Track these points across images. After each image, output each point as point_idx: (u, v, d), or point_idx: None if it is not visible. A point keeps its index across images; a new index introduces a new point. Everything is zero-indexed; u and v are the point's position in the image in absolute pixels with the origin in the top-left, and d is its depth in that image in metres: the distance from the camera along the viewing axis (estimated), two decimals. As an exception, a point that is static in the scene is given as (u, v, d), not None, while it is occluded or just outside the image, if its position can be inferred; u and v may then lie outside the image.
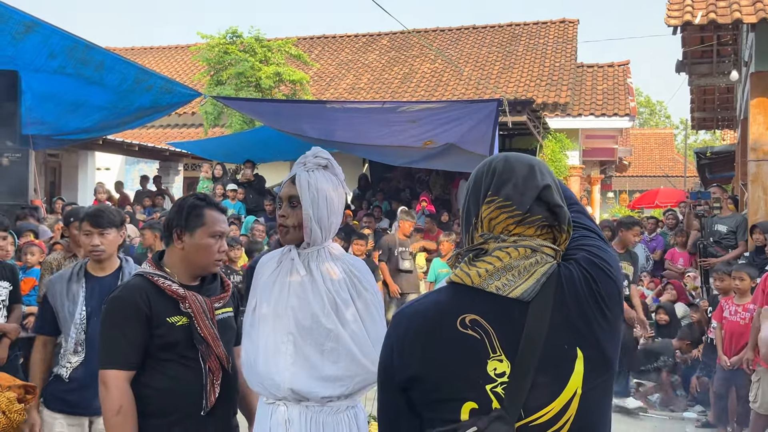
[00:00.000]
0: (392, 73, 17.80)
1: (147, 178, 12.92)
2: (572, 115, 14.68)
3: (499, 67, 17.08)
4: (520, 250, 1.27)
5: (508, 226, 1.30)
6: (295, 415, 2.23)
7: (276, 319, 2.27)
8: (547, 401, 1.22)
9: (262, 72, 12.74)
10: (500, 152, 1.90)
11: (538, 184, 1.30)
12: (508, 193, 1.30)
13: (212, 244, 2.30)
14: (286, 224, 2.29)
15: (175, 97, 7.08)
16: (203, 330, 2.25)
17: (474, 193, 1.36)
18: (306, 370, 2.23)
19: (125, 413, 2.11)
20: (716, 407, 5.46)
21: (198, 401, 2.22)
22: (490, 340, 1.24)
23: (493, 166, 1.35)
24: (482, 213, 1.32)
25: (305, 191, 2.27)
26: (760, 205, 7.00)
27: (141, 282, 2.26)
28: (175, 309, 2.23)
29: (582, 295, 1.27)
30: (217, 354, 2.27)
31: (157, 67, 20.75)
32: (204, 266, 2.33)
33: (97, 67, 6.00)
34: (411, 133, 8.16)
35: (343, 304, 2.29)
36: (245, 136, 11.65)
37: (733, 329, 5.30)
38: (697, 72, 10.05)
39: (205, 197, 2.37)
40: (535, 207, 1.30)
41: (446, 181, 13.74)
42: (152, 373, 2.20)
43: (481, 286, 1.26)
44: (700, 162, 15.03)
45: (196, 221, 2.29)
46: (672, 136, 39.03)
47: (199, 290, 2.34)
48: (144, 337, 2.18)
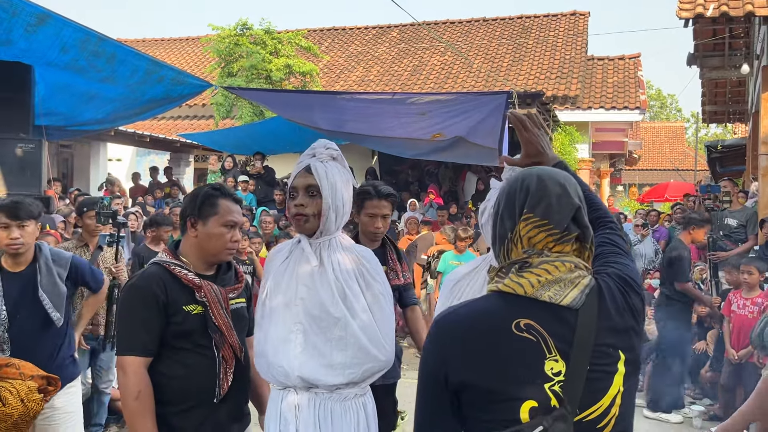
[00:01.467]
0: (402, 66, 17.78)
1: (156, 170, 12.98)
2: (582, 108, 14.63)
3: (509, 59, 17.02)
4: (567, 265, 1.37)
5: (548, 243, 1.39)
6: (305, 401, 2.29)
7: (286, 309, 2.32)
8: (598, 398, 1.33)
9: (273, 64, 12.77)
10: (516, 154, 1.93)
11: (573, 205, 1.40)
12: (543, 212, 1.39)
13: (225, 233, 2.32)
14: (306, 213, 2.32)
15: (186, 88, 7.12)
16: (218, 319, 2.28)
17: (508, 209, 1.44)
18: (314, 358, 2.28)
19: (143, 399, 2.15)
20: (723, 400, 5.47)
21: (211, 389, 2.26)
22: (545, 342, 1.32)
23: (526, 184, 1.42)
24: (520, 230, 1.40)
25: (324, 180, 2.32)
26: (771, 199, 6.98)
27: (158, 270, 2.29)
28: (190, 298, 2.27)
29: (619, 305, 1.40)
30: (230, 343, 2.31)
31: (167, 59, 20.82)
32: (216, 255, 2.35)
33: (109, 59, 6.04)
34: (420, 125, 8.17)
35: (352, 294, 2.34)
36: (255, 128, 11.69)
37: (741, 323, 5.31)
38: (709, 65, 10.00)
39: (221, 187, 2.40)
40: (571, 225, 1.40)
41: (455, 174, 13.77)
42: (167, 361, 2.23)
43: (534, 295, 1.35)
44: (711, 155, 14.96)
45: (210, 210, 2.32)
46: (683, 130, 38.76)
47: (215, 280, 2.37)
48: (161, 325, 2.21)
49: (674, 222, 10.09)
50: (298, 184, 2.35)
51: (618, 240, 1.58)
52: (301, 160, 2.40)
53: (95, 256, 4.66)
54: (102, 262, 4.70)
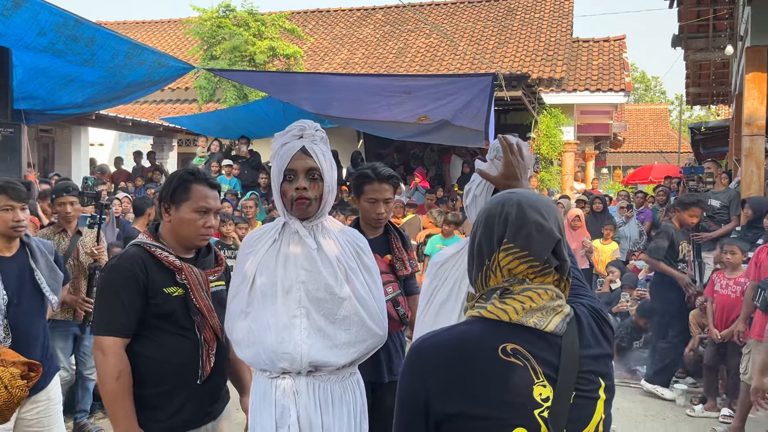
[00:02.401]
0: (387, 48, 17.66)
1: (140, 154, 12.83)
2: (567, 91, 14.63)
3: (495, 41, 16.96)
4: (549, 293, 1.36)
5: (528, 275, 1.37)
6: (303, 386, 2.25)
7: (286, 294, 2.26)
8: (583, 425, 1.34)
9: (256, 47, 12.62)
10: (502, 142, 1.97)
11: (554, 237, 1.37)
12: (524, 242, 1.36)
13: (196, 219, 2.30)
14: (309, 197, 2.27)
15: (169, 71, 7.00)
16: (199, 301, 2.28)
17: (486, 235, 1.40)
18: (321, 340, 2.25)
19: (124, 379, 2.15)
20: (707, 379, 5.53)
21: (193, 371, 2.27)
22: (533, 367, 1.30)
23: (505, 211, 1.38)
24: (500, 260, 1.37)
25: (325, 163, 2.29)
26: (753, 180, 7.03)
27: (138, 251, 2.28)
28: (171, 280, 2.26)
29: (596, 333, 1.42)
30: (212, 325, 2.31)
31: (149, 41, 20.51)
32: (190, 240, 2.34)
33: (88, 43, 5.92)
34: (406, 107, 8.11)
35: (352, 273, 2.33)
36: (239, 112, 11.56)
37: (724, 302, 5.36)
38: (693, 47, 10.02)
39: (196, 172, 2.37)
40: (551, 258, 1.38)
41: (440, 157, 13.75)
42: (149, 343, 2.23)
43: (520, 321, 1.33)
44: (695, 137, 15.06)
45: (183, 195, 2.31)
46: (667, 112, 38.98)
47: (194, 262, 2.37)
48: (140, 305, 2.21)
49: (657, 203, 10.17)
50: (297, 167, 2.27)
51: (579, 275, 1.60)
52: (286, 140, 2.32)
53: (74, 242, 4.58)
54: (81, 246, 4.62)
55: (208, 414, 2.36)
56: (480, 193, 2.22)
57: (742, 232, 6.65)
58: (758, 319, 4.79)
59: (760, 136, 6.99)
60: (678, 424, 5.25)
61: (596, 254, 8.44)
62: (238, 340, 2.34)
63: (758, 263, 4.90)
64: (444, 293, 2.31)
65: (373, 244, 2.64)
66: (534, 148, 13.41)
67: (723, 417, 5.22)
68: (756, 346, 4.77)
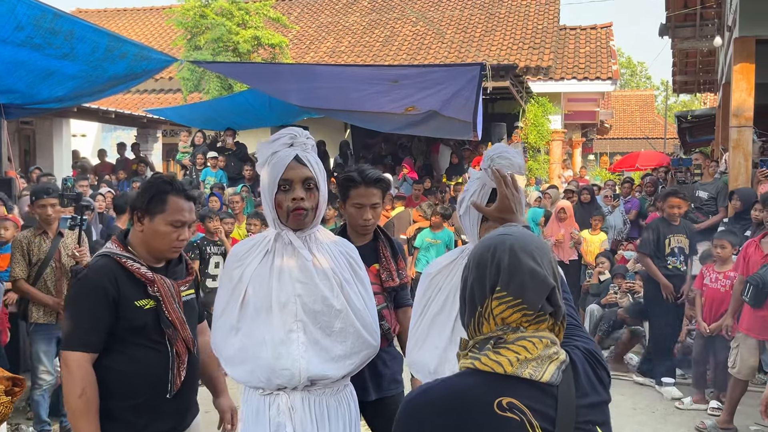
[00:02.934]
0: (373, 36, 17.51)
1: (124, 146, 12.66)
2: (555, 79, 14.59)
3: (482, 29, 16.86)
4: (544, 341, 1.32)
5: (522, 323, 1.32)
6: (298, 401, 2.21)
7: (282, 308, 2.20)
8: None
9: (240, 36, 12.44)
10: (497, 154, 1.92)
11: (548, 285, 1.33)
12: (516, 290, 1.31)
13: (170, 232, 2.23)
14: (306, 207, 2.22)
15: (151, 64, 6.86)
16: (171, 314, 2.23)
17: (479, 281, 1.35)
18: (318, 354, 2.21)
19: (88, 396, 2.08)
20: (695, 372, 5.56)
21: (163, 385, 2.22)
22: (529, 421, 1.27)
23: (498, 258, 1.33)
24: (493, 309, 1.33)
25: (319, 173, 2.24)
26: (741, 171, 7.04)
27: (109, 263, 2.20)
28: (142, 292, 2.20)
29: (591, 379, 1.39)
30: (183, 337, 2.26)
31: (131, 30, 20.20)
32: (161, 252, 2.27)
33: (67, 37, 5.77)
34: (393, 96, 8.01)
35: (347, 284, 2.29)
36: (224, 103, 11.41)
37: (713, 296, 5.37)
38: (680, 35, 10.00)
39: (173, 182, 2.28)
40: (545, 305, 1.33)
41: (428, 147, 13.68)
42: (119, 356, 2.17)
43: (515, 373, 1.29)
44: (681, 126, 15.10)
45: (158, 207, 2.23)
46: (653, 98, 39.12)
47: (165, 272, 2.30)
48: (110, 319, 2.14)
49: (645, 193, 10.19)
50: (293, 177, 2.20)
51: (573, 312, 1.56)
52: (276, 148, 2.24)
53: (55, 244, 4.49)
54: (63, 248, 4.54)
55: (175, 428, 2.32)
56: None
57: (729, 223, 6.65)
58: (746, 313, 4.80)
59: (747, 128, 6.99)
60: (667, 416, 5.27)
61: (585, 245, 8.44)
62: (230, 357, 2.28)
63: (746, 257, 4.90)
64: (437, 305, 2.26)
65: (360, 252, 2.58)
66: (522, 137, 13.39)
67: (711, 409, 5.25)
68: (744, 341, 4.80)
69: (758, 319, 4.66)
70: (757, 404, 5.34)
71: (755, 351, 4.79)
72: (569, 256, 8.37)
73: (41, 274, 4.42)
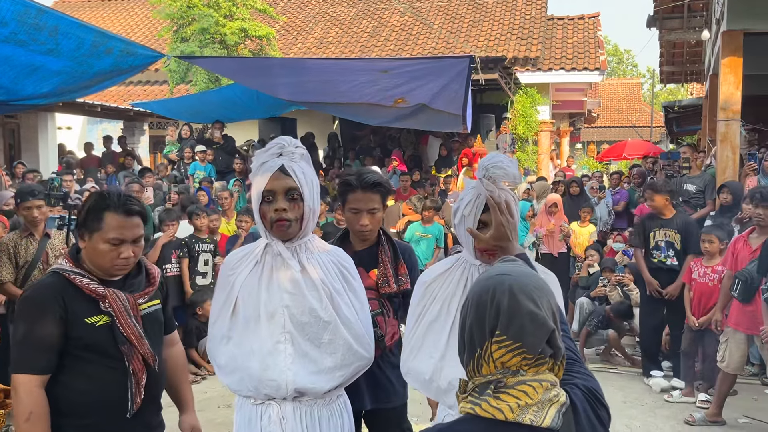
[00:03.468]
0: (361, 27, 17.41)
1: (110, 139, 12.51)
2: (543, 70, 14.59)
3: (470, 20, 16.81)
4: (544, 384, 1.30)
5: (522, 366, 1.32)
6: (289, 411, 2.22)
7: (270, 319, 2.21)
8: None
9: (227, 28, 12.32)
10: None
11: (548, 328, 1.32)
12: (516, 334, 1.30)
13: (109, 250, 2.12)
14: (289, 218, 2.20)
15: (138, 60, 6.77)
16: (126, 329, 2.14)
17: (478, 323, 1.34)
18: (306, 366, 2.21)
19: (35, 420, 2.02)
20: (684, 365, 5.61)
21: (122, 403, 2.14)
22: None
23: (497, 300, 1.32)
24: (492, 352, 1.32)
25: (305, 183, 2.21)
26: (729, 165, 7.08)
27: (55, 280, 2.13)
28: (94, 308, 2.11)
29: (592, 420, 1.38)
30: (141, 353, 2.17)
31: (116, 21, 19.95)
32: (106, 270, 2.16)
33: (51, 32, 5.67)
34: (382, 85, 7.94)
35: (337, 295, 2.27)
36: (211, 96, 11.32)
37: (702, 290, 5.41)
38: (668, 27, 10.01)
39: (111, 197, 2.16)
40: (545, 348, 1.32)
41: (417, 138, 13.65)
42: (73, 374, 2.10)
43: (516, 419, 1.28)
44: (668, 116, 15.16)
45: (94, 225, 2.13)
46: (639, 87, 39.25)
47: (122, 286, 2.20)
48: (59, 339, 2.06)
49: (633, 184, 10.24)
50: (276, 188, 2.19)
51: (573, 347, 1.56)
52: (265, 158, 2.24)
53: (42, 246, 4.45)
54: (50, 250, 4.49)
55: None
56: (468, 213, 2.16)
57: (716, 216, 6.68)
58: (735, 308, 4.85)
59: (735, 121, 7.03)
60: (656, 410, 5.33)
61: (574, 237, 8.48)
62: (222, 365, 2.30)
63: (735, 253, 4.94)
64: (433, 313, 2.27)
65: (360, 257, 2.56)
66: (510, 128, 13.41)
67: (700, 402, 5.30)
68: (733, 335, 4.85)
69: (747, 314, 4.71)
70: (746, 397, 5.44)
71: (743, 345, 4.85)
72: (558, 248, 8.42)
73: (29, 277, 4.39)
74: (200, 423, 2.58)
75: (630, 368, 6.31)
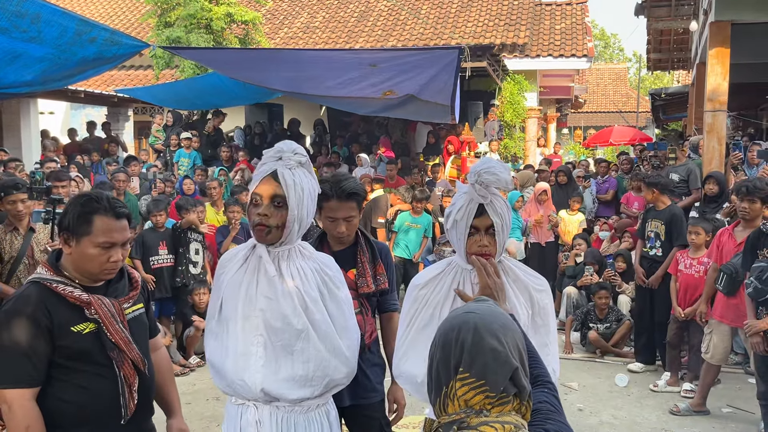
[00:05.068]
0: (348, 11, 17.24)
1: (94, 125, 12.36)
2: (530, 56, 14.55)
3: (458, 5, 16.69)
4: (506, 427, 1.29)
5: (485, 405, 1.31)
6: (266, 415, 2.25)
7: (245, 321, 2.25)
8: None
9: (213, 12, 12.14)
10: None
11: (511, 366, 1.32)
12: (479, 372, 1.30)
13: (99, 254, 2.09)
14: (269, 224, 2.19)
15: (122, 49, 6.67)
16: (114, 335, 2.11)
17: (443, 360, 1.35)
18: (276, 371, 2.22)
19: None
20: (669, 355, 5.68)
21: (115, 410, 2.12)
22: None
23: (462, 338, 1.33)
24: (456, 390, 1.32)
25: (292, 191, 2.19)
26: (715, 155, 7.13)
27: (37, 290, 2.07)
28: (79, 316, 2.07)
29: None
30: (131, 358, 2.15)
31: (99, 4, 19.61)
32: (93, 275, 2.13)
33: (34, 20, 5.58)
34: (371, 80, 7.93)
35: (313, 304, 2.26)
36: (198, 82, 11.18)
37: (687, 282, 5.46)
38: (656, 15, 10.02)
39: (99, 199, 2.12)
40: (508, 386, 1.32)
41: (405, 124, 13.61)
42: (64, 384, 2.06)
43: None
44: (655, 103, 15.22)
45: (84, 228, 2.08)
46: (626, 72, 39.33)
47: (105, 291, 2.17)
48: (46, 350, 2.02)
49: (621, 171, 10.29)
50: (262, 192, 2.19)
51: (555, 401, 1.55)
52: (265, 161, 2.25)
53: (27, 240, 4.38)
54: (36, 244, 4.43)
55: None
56: (461, 218, 2.16)
57: (700, 207, 6.73)
58: (720, 301, 4.91)
59: (721, 112, 7.07)
60: (642, 399, 5.40)
61: (563, 225, 8.54)
62: (209, 360, 2.36)
63: (720, 245, 4.99)
64: (425, 318, 2.27)
65: (338, 258, 2.56)
66: (498, 115, 13.40)
67: (684, 392, 5.38)
68: (717, 327, 4.91)
69: (731, 306, 4.76)
70: (730, 387, 5.53)
71: (728, 337, 4.91)
72: (546, 238, 8.47)
73: (14, 272, 4.32)
74: (189, 416, 2.58)
75: (616, 358, 6.38)
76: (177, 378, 4.89)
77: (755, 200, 4.75)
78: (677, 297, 5.54)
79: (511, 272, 2.25)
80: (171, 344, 6.03)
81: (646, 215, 6.05)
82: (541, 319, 2.25)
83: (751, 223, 4.77)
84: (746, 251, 4.43)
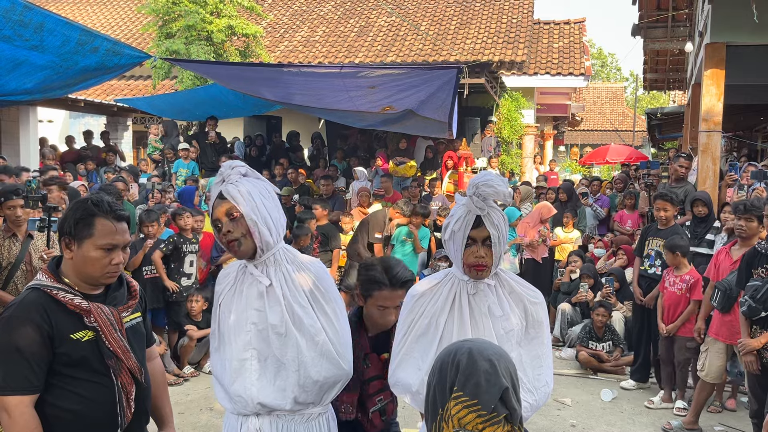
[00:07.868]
0: (348, 26, 17.38)
1: (91, 134, 12.37)
2: (528, 74, 14.68)
3: (457, 22, 16.86)
4: None
5: (477, 425, 1.38)
6: (266, 425, 2.28)
7: (238, 336, 2.29)
8: None
9: (214, 25, 12.22)
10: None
11: (501, 385, 1.39)
12: (472, 391, 1.38)
13: (100, 257, 2.09)
14: (235, 237, 2.25)
15: (123, 59, 6.72)
16: (112, 343, 2.11)
17: (440, 384, 1.44)
18: (271, 383, 2.26)
19: None
20: (662, 372, 5.69)
21: (112, 418, 2.12)
22: None
23: (457, 360, 1.42)
24: (450, 409, 1.40)
25: (241, 199, 2.24)
26: (709, 175, 7.19)
27: (38, 297, 2.07)
28: (78, 324, 2.07)
29: None
30: (129, 367, 2.15)
31: (101, 15, 19.73)
32: (95, 279, 2.13)
33: (37, 29, 5.62)
34: (370, 99, 8.02)
35: (303, 313, 2.29)
36: (197, 93, 11.25)
37: (670, 298, 5.51)
38: (652, 36, 10.13)
39: (100, 203, 2.14)
40: (499, 406, 1.39)
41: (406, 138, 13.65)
42: (61, 392, 2.06)
43: None
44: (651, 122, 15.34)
45: (85, 231, 2.09)
46: (623, 91, 39.62)
47: (104, 299, 2.17)
48: (46, 357, 2.02)
49: (615, 190, 10.37)
50: (218, 215, 2.26)
51: None
52: (212, 189, 2.34)
53: (25, 246, 4.39)
54: (34, 251, 4.44)
55: None
56: (458, 229, 2.19)
57: (691, 227, 6.76)
58: (715, 318, 4.94)
59: (716, 132, 7.14)
60: (635, 416, 5.40)
61: (559, 241, 8.59)
62: (213, 376, 2.41)
63: (717, 264, 5.03)
64: (421, 328, 2.30)
65: (373, 342, 2.61)
66: (495, 132, 13.48)
67: (677, 410, 5.39)
68: (713, 345, 4.93)
69: (726, 323, 4.79)
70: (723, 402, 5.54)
71: (723, 355, 4.92)
72: (542, 254, 8.50)
73: (11, 278, 4.32)
74: (183, 426, 2.60)
75: (610, 375, 6.39)
76: (171, 387, 4.90)
77: (752, 218, 4.79)
78: (663, 313, 5.57)
79: (507, 284, 2.28)
80: (165, 353, 6.02)
81: (645, 233, 6.05)
82: (534, 330, 2.28)
83: (748, 241, 4.80)
84: (741, 269, 4.46)
